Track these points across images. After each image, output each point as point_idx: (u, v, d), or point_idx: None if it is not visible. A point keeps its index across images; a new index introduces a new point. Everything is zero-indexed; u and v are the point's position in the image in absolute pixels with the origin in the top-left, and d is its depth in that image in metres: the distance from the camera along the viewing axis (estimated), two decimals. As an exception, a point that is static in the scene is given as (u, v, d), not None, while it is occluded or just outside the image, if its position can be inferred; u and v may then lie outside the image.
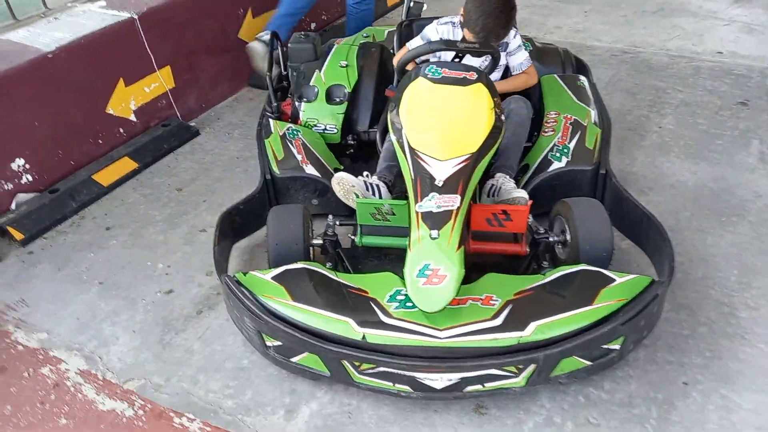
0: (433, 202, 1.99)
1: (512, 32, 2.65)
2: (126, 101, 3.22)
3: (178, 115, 3.52)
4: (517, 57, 2.75)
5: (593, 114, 2.73)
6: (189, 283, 2.47)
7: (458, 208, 1.98)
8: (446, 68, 2.34)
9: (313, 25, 4.41)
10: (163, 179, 3.13)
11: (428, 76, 2.33)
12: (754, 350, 2.08)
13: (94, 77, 3.06)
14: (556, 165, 2.52)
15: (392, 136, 2.29)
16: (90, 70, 3.02)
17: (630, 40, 4.33)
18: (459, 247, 1.90)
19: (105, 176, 3.05)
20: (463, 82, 2.29)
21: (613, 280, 1.94)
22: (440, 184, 2.03)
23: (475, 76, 2.31)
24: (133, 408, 1.99)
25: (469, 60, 2.54)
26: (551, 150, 2.57)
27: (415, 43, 2.76)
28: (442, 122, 2.20)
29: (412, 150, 2.14)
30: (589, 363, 1.88)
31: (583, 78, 3.00)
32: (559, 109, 2.75)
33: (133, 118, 3.28)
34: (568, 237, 2.22)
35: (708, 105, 3.50)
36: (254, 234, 2.59)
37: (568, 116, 2.69)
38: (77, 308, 2.38)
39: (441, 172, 2.06)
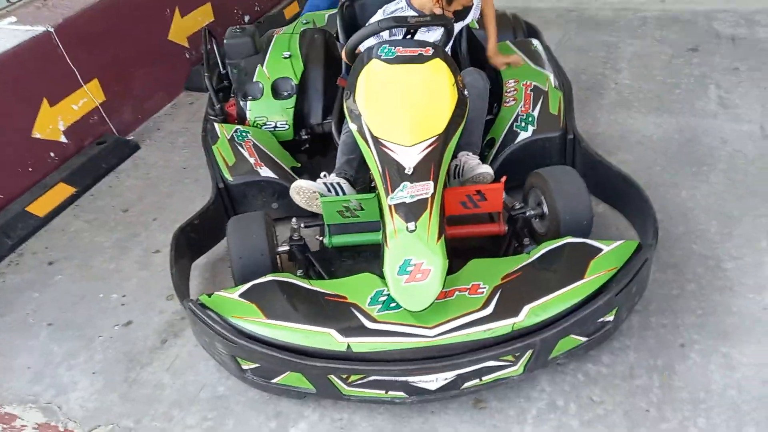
0: (406, 192, 1.86)
1: None
2: (53, 122, 2.98)
3: (114, 131, 3.29)
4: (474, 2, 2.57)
5: (552, 77, 2.64)
6: (149, 312, 2.29)
7: (433, 194, 1.86)
8: (400, 46, 2.21)
9: (246, 18, 4.19)
10: (107, 201, 2.91)
11: (382, 57, 2.19)
12: (746, 301, 2.03)
13: (14, 101, 2.81)
14: (523, 135, 2.42)
15: (351, 126, 2.14)
16: (8, 94, 2.78)
17: (575, -2, 4.28)
18: (439, 236, 1.78)
19: (40, 206, 2.81)
20: (420, 59, 2.17)
21: (601, 250, 1.86)
22: (410, 172, 1.90)
23: (431, 51, 2.18)
24: (104, 458, 1.81)
25: (423, 37, 2.39)
26: (516, 120, 2.47)
27: None
28: (403, 105, 2.07)
29: (375, 139, 2.01)
30: (585, 339, 1.81)
31: (536, 42, 2.92)
32: (517, 76, 2.65)
33: (63, 139, 3.04)
34: (546, 209, 2.13)
35: (660, 55, 3.48)
36: (214, 249, 2.41)
37: (528, 83, 2.60)
38: (27, 356, 2.17)
39: (409, 159, 1.93)
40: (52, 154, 2.99)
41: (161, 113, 3.57)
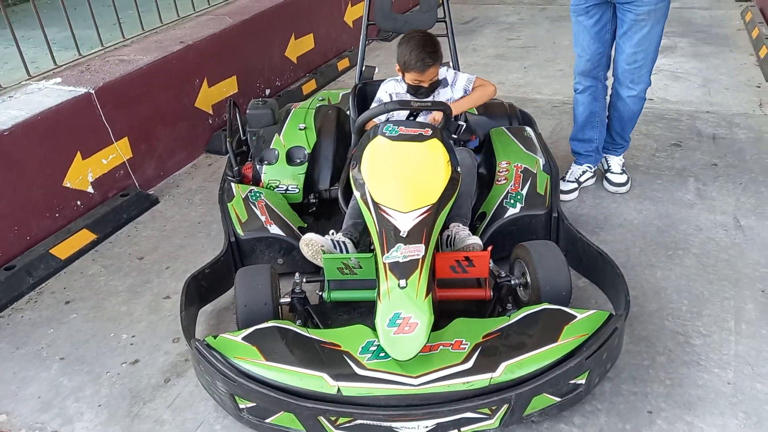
0: (399, 253, 2.05)
1: (444, 68, 2.82)
2: (83, 174, 3.22)
3: (137, 185, 3.52)
4: (460, 80, 2.88)
5: (541, 162, 2.89)
6: (155, 352, 2.43)
7: (423, 256, 2.05)
8: (402, 126, 2.47)
9: (267, 91, 4.54)
10: (124, 249, 3.11)
11: (386, 134, 2.45)
12: (711, 375, 2.17)
13: (51, 152, 3.06)
14: (511, 211, 2.64)
15: (355, 192, 2.37)
16: (47, 146, 3.03)
17: (569, 92, 4.50)
18: (427, 294, 1.96)
19: (63, 249, 3.00)
20: (420, 138, 2.42)
21: (575, 317, 2.02)
22: (404, 235, 2.10)
23: (430, 132, 2.44)
24: (103, 486, 1.92)
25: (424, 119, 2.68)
26: (505, 197, 2.70)
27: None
28: (402, 176, 2.30)
29: (375, 204, 2.22)
30: (558, 399, 1.93)
31: (529, 129, 3.19)
32: (509, 158, 2.90)
33: (90, 189, 3.27)
34: (529, 279, 2.31)
35: (645, 148, 3.74)
36: (220, 298, 2.58)
37: (519, 165, 2.85)
38: (39, 387, 2.30)
39: (404, 223, 2.14)
40: (78, 203, 3.21)
41: (181, 171, 3.82)
